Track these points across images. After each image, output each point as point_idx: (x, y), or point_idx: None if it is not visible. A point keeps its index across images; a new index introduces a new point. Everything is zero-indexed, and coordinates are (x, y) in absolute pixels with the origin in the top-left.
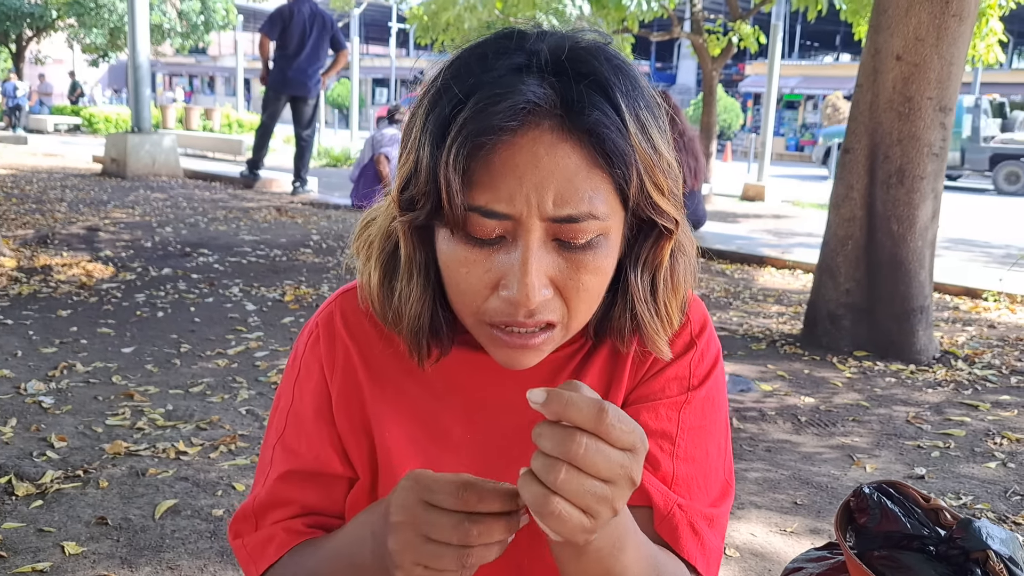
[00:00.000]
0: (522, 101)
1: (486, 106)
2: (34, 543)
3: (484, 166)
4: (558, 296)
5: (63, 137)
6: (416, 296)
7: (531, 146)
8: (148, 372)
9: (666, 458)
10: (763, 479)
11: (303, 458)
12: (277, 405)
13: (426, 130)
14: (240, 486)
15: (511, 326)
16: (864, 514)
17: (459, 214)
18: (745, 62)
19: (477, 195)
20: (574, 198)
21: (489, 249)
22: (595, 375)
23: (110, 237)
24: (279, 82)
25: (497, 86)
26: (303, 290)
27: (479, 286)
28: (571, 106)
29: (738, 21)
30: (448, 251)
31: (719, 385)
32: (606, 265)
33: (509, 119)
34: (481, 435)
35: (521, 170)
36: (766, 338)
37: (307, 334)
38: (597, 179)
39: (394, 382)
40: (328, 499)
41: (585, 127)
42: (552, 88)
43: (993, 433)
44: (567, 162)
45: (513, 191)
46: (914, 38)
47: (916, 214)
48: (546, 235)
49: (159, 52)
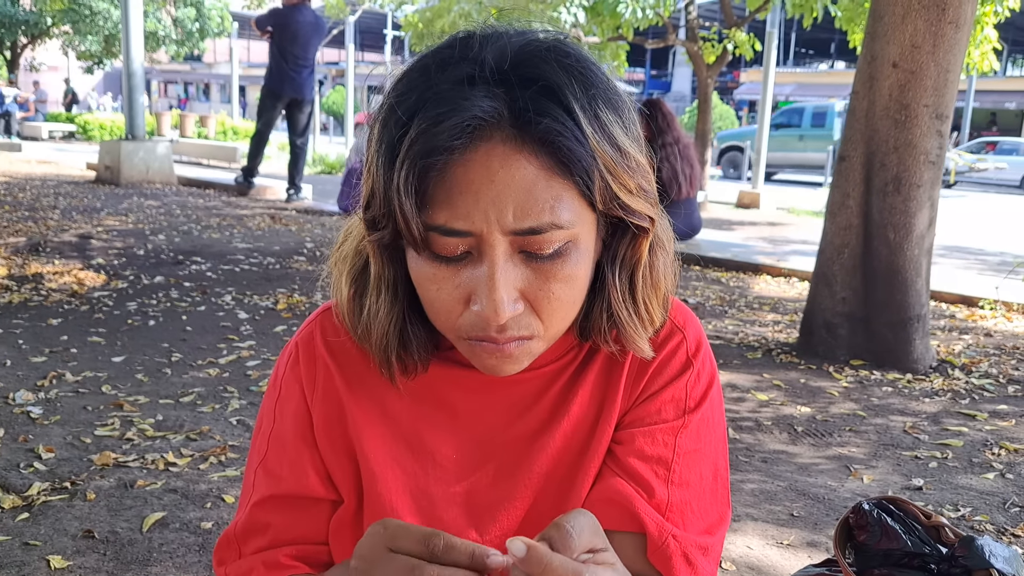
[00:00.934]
0: (467, 118)
1: (429, 127)
2: (19, 557)
3: (439, 185)
4: (530, 309)
5: (57, 144)
6: (384, 312)
7: (484, 161)
8: (138, 381)
9: (661, 484)
10: (759, 490)
11: (285, 482)
12: (259, 428)
13: (380, 151)
14: (230, 498)
15: (484, 340)
16: (864, 531)
17: (418, 235)
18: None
19: (435, 214)
20: (534, 209)
21: (456, 266)
22: (589, 387)
23: (102, 245)
24: (279, 85)
25: (440, 104)
26: (296, 298)
27: (450, 302)
28: (519, 116)
29: (733, 29)
30: (417, 269)
31: (715, 405)
32: (577, 272)
33: (455, 138)
34: (467, 453)
35: (476, 186)
36: (762, 347)
37: (287, 354)
38: (558, 187)
39: (376, 401)
40: (311, 524)
41: (537, 136)
42: (499, 99)
43: (991, 443)
44: (523, 173)
45: (470, 208)
46: (910, 45)
47: (913, 222)
48: (511, 248)
49: (154, 59)
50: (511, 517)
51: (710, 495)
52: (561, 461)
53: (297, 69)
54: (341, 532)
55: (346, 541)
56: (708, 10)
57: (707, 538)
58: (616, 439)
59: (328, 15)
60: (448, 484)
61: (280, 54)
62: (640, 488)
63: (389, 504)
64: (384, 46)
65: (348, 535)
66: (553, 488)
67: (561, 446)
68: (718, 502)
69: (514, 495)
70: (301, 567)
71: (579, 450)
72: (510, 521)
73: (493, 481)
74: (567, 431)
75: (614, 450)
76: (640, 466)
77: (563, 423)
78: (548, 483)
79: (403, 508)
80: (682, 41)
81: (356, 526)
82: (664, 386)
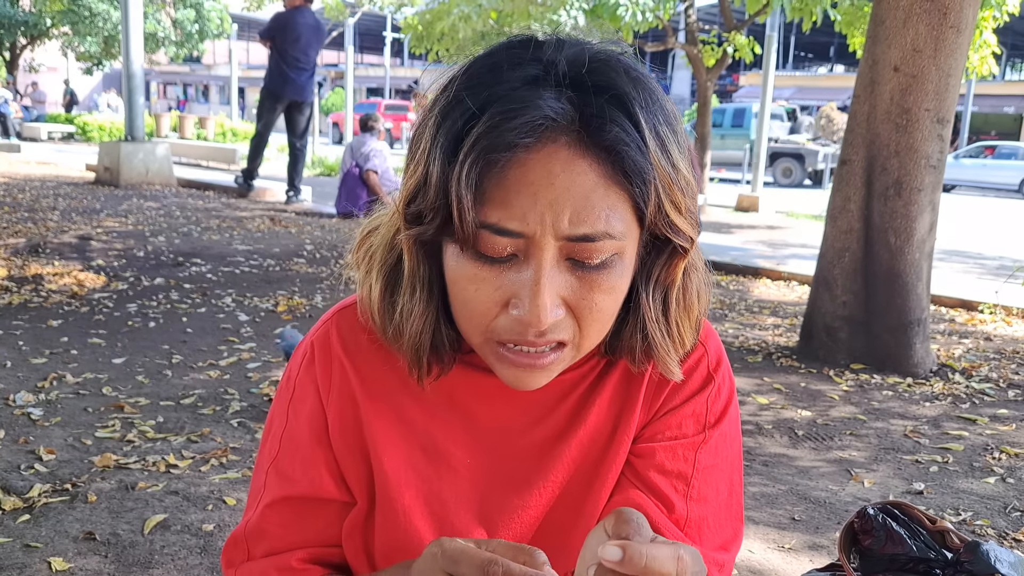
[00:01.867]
0: (539, 117)
1: (501, 121)
2: (20, 559)
3: (497, 183)
4: (570, 315)
5: (56, 145)
6: (418, 312)
7: (546, 163)
8: (139, 383)
9: (680, 500)
10: (760, 494)
11: (297, 483)
12: (270, 428)
13: (436, 143)
14: (231, 500)
15: (520, 345)
16: (869, 535)
17: (470, 231)
18: (739, 73)
19: (489, 212)
20: (590, 216)
21: (500, 267)
22: (607, 398)
23: (102, 246)
24: (280, 87)
25: (512, 100)
26: (296, 300)
27: (488, 304)
28: (589, 122)
29: (733, 32)
30: (457, 268)
31: (733, 421)
32: (620, 285)
33: (525, 135)
34: (482, 458)
35: (535, 187)
36: (762, 350)
37: (301, 354)
38: (614, 197)
39: (392, 404)
40: (323, 527)
41: (603, 144)
42: (570, 103)
43: (991, 447)
44: (583, 179)
45: (527, 209)
46: (912, 49)
47: (914, 226)
48: (560, 254)
49: (153, 61)
50: (524, 524)
51: (725, 511)
52: (577, 471)
53: (297, 71)
54: (353, 534)
55: (358, 544)
56: (708, 13)
57: (723, 554)
58: (635, 452)
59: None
60: (462, 489)
61: (280, 56)
62: (660, 503)
63: (402, 507)
64: (383, 48)
65: (359, 538)
66: (568, 497)
67: (577, 455)
68: (732, 518)
69: (528, 503)
70: (314, 570)
71: (596, 460)
72: (523, 528)
73: (507, 488)
74: (584, 441)
75: (633, 463)
76: (660, 480)
77: (580, 432)
78: (563, 492)
79: (416, 512)
80: (682, 44)
81: (367, 529)
82: (685, 400)
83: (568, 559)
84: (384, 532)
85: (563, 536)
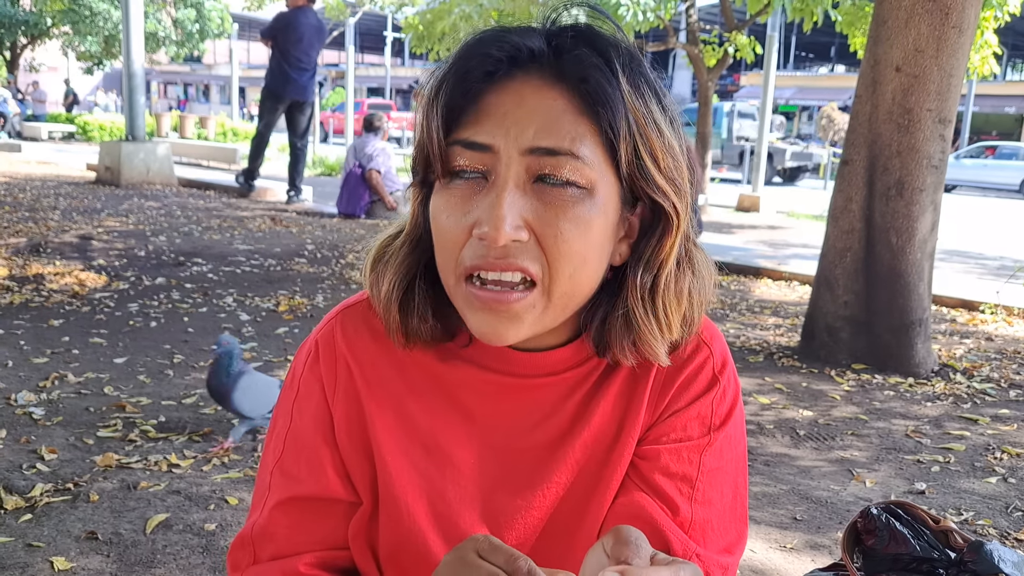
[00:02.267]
0: (507, 47)
1: (470, 51)
2: (22, 558)
3: (472, 109)
4: (535, 244)
5: (57, 145)
6: (399, 260)
7: (518, 89)
8: (140, 383)
9: (685, 502)
10: (762, 494)
11: (303, 483)
12: (274, 427)
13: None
14: (233, 500)
15: (483, 270)
16: (872, 535)
17: (440, 150)
18: (740, 73)
19: (461, 131)
20: (556, 134)
21: (468, 192)
22: (611, 399)
23: (103, 246)
24: (281, 87)
25: (483, 38)
26: (297, 300)
27: (457, 231)
28: (559, 52)
29: (734, 32)
30: (436, 202)
31: (738, 424)
32: (590, 221)
33: (496, 62)
34: (486, 458)
35: (505, 108)
36: (763, 350)
37: (306, 353)
38: (584, 127)
39: (396, 402)
40: (330, 528)
41: (574, 74)
42: (544, 39)
43: (993, 447)
44: (553, 104)
45: (495, 125)
46: (914, 49)
47: (915, 226)
48: (526, 174)
49: (154, 60)
50: (528, 525)
51: (730, 513)
52: (581, 472)
53: (299, 71)
54: (359, 535)
55: (363, 544)
56: (708, 13)
57: (727, 557)
58: (640, 454)
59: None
60: (465, 488)
61: (282, 56)
62: (665, 505)
63: (406, 507)
64: (384, 48)
65: (365, 538)
66: (572, 499)
67: (581, 457)
68: (737, 520)
69: (532, 504)
70: (322, 574)
71: (600, 462)
72: (527, 529)
73: (511, 488)
74: (588, 442)
75: (638, 465)
76: (665, 483)
77: (584, 433)
78: (568, 494)
79: (420, 511)
80: (683, 44)
81: (373, 528)
82: (690, 402)
83: (572, 561)
84: (388, 532)
85: (567, 538)
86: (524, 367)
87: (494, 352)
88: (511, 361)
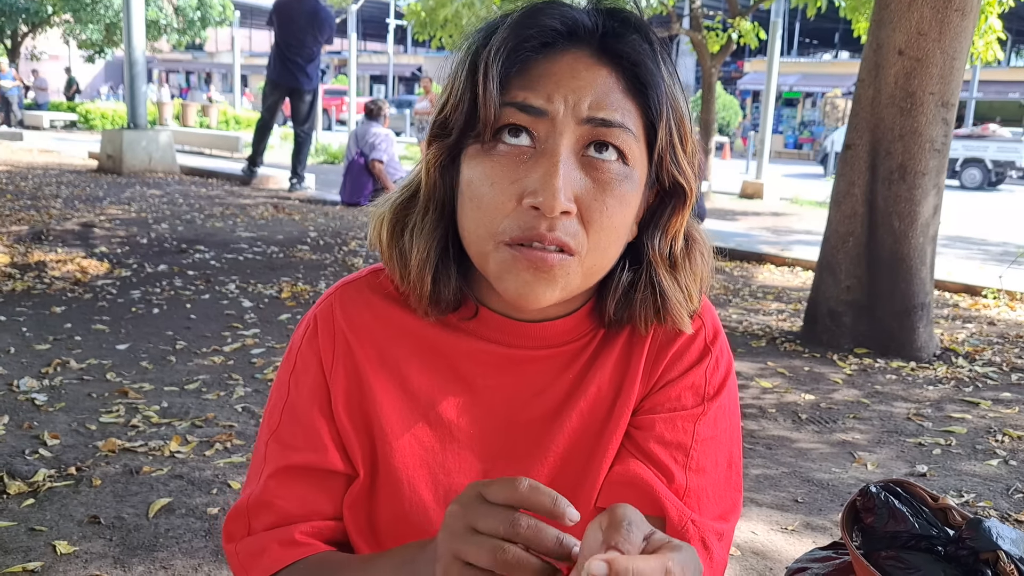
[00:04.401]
0: (568, 18)
1: (533, 15)
2: (25, 542)
3: (524, 75)
4: (579, 220)
5: (59, 133)
6: (428, 229)
7: (571, 63)
8: (143, 369)
9: (679, 470)
10: (763, 476)
11: (299, 453)
12: (272, 400)
13: (467, 50)
14: (236, 484)
15: (533, 240)
16: (871, 514)
17: (494, 110)
18: (744, 59)
19: (515, 93)
20: (609, 107)
21: (517, 161)
22: (608, 368)
23: (105, 233)
24: (277, 74)
25: (547, 8)
26: (300, 287)
27: (502, 199)
28: (612, 34)
29: (737, 18)
30: (476, 169)
31: (731, 393)
32: (630, 198)
33: (551, 32)
34: (486, 429)
35: (559, 77)
36: (766, 335)
37: (304, 327)
38: (630, 105)
39: (395, 375)
40: (325, 498)
41: (623, 53)
42: (595, 17)
43: (994, 430)
44: (605, 80)
45: (551, 91)
46: (916, 33)
47: (918, 210)
48: (578, 144)
49: (155, 48)
50: None
51: (724, 482)
52: (579, 441)
53: (293, 58)
54: (355, 507)
55: (360, 517)
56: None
57: (722, 524)
58: (635, 424)
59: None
60: (465, 459)
61: (277, 43)
62: (660, 473)
63: (407, 479)
64: (387, 35)
65: (362, 511)
66: (570, 468)
67: (579, 425)
68: (731, 489)
69: (531, 473)
70: (318, 544)
71: (597, 431)
72: None
73: (510, 458)
74: (584, 411)
75: (633, 434)
76: (660, 451)
77: (580, 403)
78: (565, 463)
79: (421, 483)
80: (686, 30)
81: (370, 502)
82: (683, 373)
83: (571, 531)
84: (389, 504)
85: None
86: (528, 338)
87: (497, 324)
88: (515, 332)
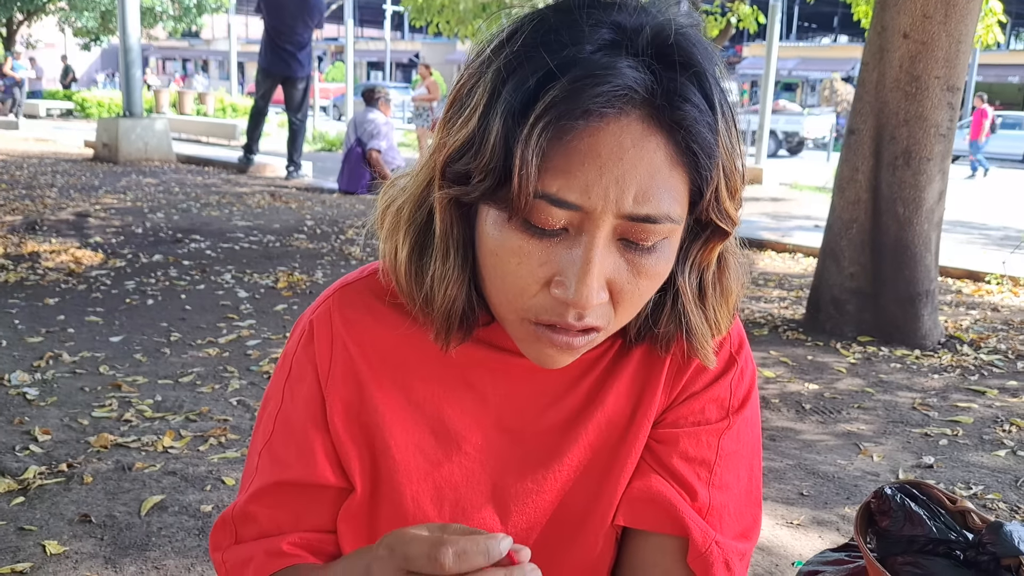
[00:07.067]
0: (621, 87)
1: (583, 87)
2: (14, 542)
3: (563, 151)
4: (610, 301)
5: (55, 122)
6: (453, 277)
7: (618, 135)
8: (136, 362)
9: (702, 487)
10: (768, 469)
11: (291, 468)
12: (265, 407)
13: (500, 99)
14: (230, 480)
15: (556, 326)
16: (886, 516)
17: (526, 200)
18: (743, 44)
19: (550, 181)
20: (655, 197)
21: (548, 241)
22: (627, 380)
23: (100, 223)
24: (267, 61)
25: (595, 66)
26: (296, 276)
27: (529, 280)
28: (666, 96)
29: (736, 2)
30: (498, 237)
31: (755, 405)
32: (664, 270)
33: (604, 105)
34: (495, 440)
35: (603, 160)
36: (768, 323)
37: (299, 332)
38: (677, 178)
39: (400, 385)
40: (316, 512)
41: (677, 119)
42: (651, 73)
43: (1001, 420)
44: (653, 157)
45: (591, 182)
46: (921, 15)
47: (923, 196)
48: (614, 233)
49: (151, 36)
50: (538, 509)
51: (745, 498)
52: (595, 454)
53: (284, 46)
54: (351, 520)
55: (358, 530)
56: None
57: (744, 543)
58: (657, 437)
59: None
60: (473, 472)
61: (266, 30)
62: (683, 490)
63: (411, 493)
64: (383, 21)
65: (358, 525)
66: (585, 482)
67: (595, 438)
68: (752, 505)
69: (543, 486)
70: (305, 556)
71: (615, 444)
72: (537, 513)
73: (521, 471)
74: (601, 423)
75: (655, 448)
76: (684, 467)
77: (597, 415)
78: (580, 477)
79: (425, 497)
80: None
81: (368, 515)
82: (708, 385)
83: (582, 545)
84: (391, 519)
85: (579, 521)
86: None
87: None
88: None
